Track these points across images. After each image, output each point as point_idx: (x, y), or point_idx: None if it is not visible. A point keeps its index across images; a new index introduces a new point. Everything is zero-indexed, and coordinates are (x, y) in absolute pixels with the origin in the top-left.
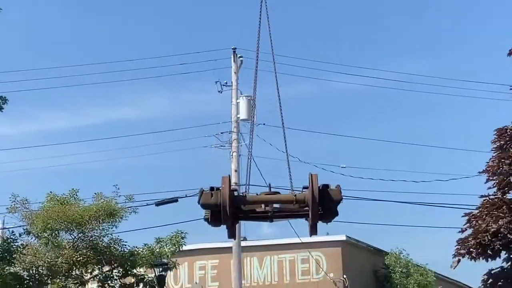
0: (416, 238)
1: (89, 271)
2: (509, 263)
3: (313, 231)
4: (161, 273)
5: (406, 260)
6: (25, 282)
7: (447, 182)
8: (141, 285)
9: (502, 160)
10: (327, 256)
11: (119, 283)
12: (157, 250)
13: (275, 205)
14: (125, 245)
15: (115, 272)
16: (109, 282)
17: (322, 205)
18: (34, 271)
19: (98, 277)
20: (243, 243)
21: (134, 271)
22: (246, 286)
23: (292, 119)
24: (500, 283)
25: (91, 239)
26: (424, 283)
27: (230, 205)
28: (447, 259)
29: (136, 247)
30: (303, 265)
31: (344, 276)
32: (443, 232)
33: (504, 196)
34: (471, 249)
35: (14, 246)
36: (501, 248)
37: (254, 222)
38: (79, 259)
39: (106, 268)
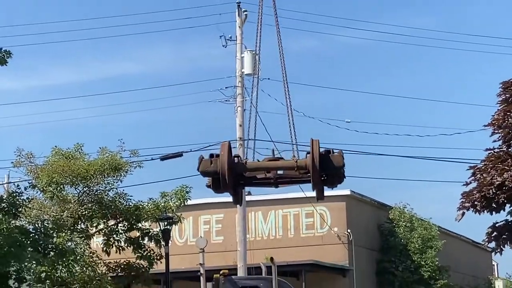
0: (420, 193)
1: (95, 225)
2: None
3: (320, 195)
4: (166, 227)
5: (410, 215)
6: (31, 235)
7: (452, 137)
8: (146, 239)
9: (508, 113)
10: (332, 210)
11: (124, 237)
12: (162, 204)
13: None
14: (130, 199)
15: (120, 226)
16: (114, 236)
17: (323, 171)
18: (39, 225)
19: (103, 231)
20: (248, 198)
21: (139, 225)
22: (251, 240)
23: (297, 74)
24: (504, 236)
25: (96, 193)
26: (428, 237)
27: (229, 172)
28: (451, 213)
29: (141, 201)
30: (307, 219)
31: (348, 230)
32: (447, 187)
33: (509, 149)
34: (475, 202)
35: (19, 200)
36: (505, 201)
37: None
38: (84, 213)
39: (111, 222)
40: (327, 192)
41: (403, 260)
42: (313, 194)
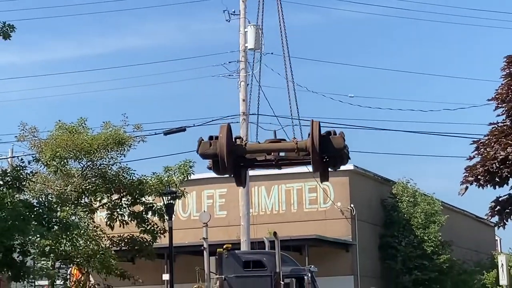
0: (423, 168)
1: (98, 199)
2: None
3: (323, 176)
4: (169, 202)
5: (413, 189)
6: (35, 209)
7: (455, 112)
8: (149, 213)
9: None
10: (335, 185)
11: (128, 211)
12: (166, 179)
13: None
14: (134, 173)
15: (124, 200)
16: (118, 210)
17: (324, 153)
18: (43, 199)
19: (107, 205)
20: (251, 172)
21: (143, 199)
22: (254, 215)
23: (300, 49)
24: (507, 210)
25: (99, 167)
26: (431, 212)
27: (228, 155)
28: (454, 188)
29: (145, 175)
30: (310, 194)
31: (352, 205)
32: (450, 162)
33: None
34: (479, 177)
35: (23, 174)
36: (509, 175)
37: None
38: (88, 187)
39: (115, 197)
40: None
41: (406, 235)
42: None
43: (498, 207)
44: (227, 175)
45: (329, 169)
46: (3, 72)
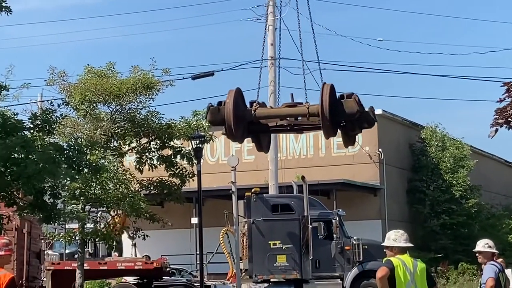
0: (453, 112)
1: (127, 143)
2: None
3: (346, 143)
4: (198, 146)
5: (442, 134)
6: (65, 152)
7: (486, 55)
8: (178, 157)
9: None
10: (363, 130)
11: (157, 155)
12: (194, 123)
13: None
14: (162, 117)
15: (153, 144)
16: (147, 154)
17: (335, 117)
18: (73, 142)
19: (136, 149)
20: None
21: (171, 143)
22: (282, 159)
23: None
24: None
25: (128, 111)
26: (459, 157)
27: (235, 121)
28: (483, 133)
29: (173, 119)
30: (338, 138)
31: (380, 149)
32: (480, 106)
33: None
34: (509, 119)
35: (53, 117)
36: None
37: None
38: (117, 131)
39: (144, 140)
40: None
41: (434, 179)
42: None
43: None
44: (239, 142)
45: (352, 133)
46: (32, 17)
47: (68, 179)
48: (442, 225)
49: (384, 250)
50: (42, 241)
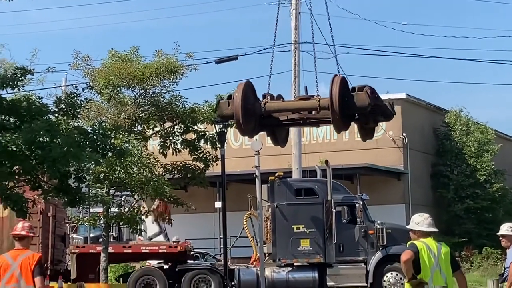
0: (477, 97)
1: (151, 127)
2: None
3: (363, 136)
4: (221, 130)
5: (466, 118)
6: (89, 136)
7: (510, 38)
8: (202, 141)
9: None
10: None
11: (181, 139)
12: None
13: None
14: (186, 101)
15: (177, 128)
16: (171, 138)
17: (346, 111)
18: (97, 126)
19: (159, 133)
20: None
21: (195, 127)
22: (305, 143)
23: None
24: None
25: (152, 95)
26: (484, 141)
27: (244, 116)
28: (508, 117)
29: (197, 104)
30: None
31: (404, 134)
32: (504, 91)
33: None
34: None
35: (77, 101)
36: None
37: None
38: (141, 115)
39: (168, 124)
40: (383, 96)
41: (458, 164)
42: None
43: None
44: (249, 137)
45: (366, 126)
46: (56, 1)
47: (92, 162)
48: (466, 210)
49: (410, 233)
50: (67, 224)
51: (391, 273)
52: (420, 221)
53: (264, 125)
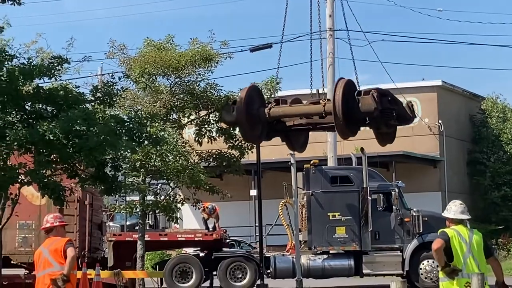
0: None
1: (186, 115)
2: None
3: (380, 141)
4: None
5: (503, 105)
6: (126, 124)
7: None
8: (237, 129)
9: None
10: (422, 101)
11: (216, 127)
12: None
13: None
14: (221, 90)
15: (212, 117)
16: (206, 126)
17: (350, 116)
18: (133, 115)
19: (195, 122)
20: None
21: None
22: None
23: None
24: None
25: (187, 84)
26: None
27: (246, 122)
28: None
29: (232, 91)
30: None
31: (440, 121)
32: None
33: None
34: None
35: (114, 90)
36: None
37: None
38: (176, 103)
39: (203, 113)
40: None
41: (495, 151)
42: (404, 85)
43: None
44: (254, 144)
45: (379, 131)
46: None
47: (128, 151)
48: (503, 197)
49: (446, 220)
50: (104, 212)
51: (427, 261)
52: (452, 208)
53: (276, 131)
